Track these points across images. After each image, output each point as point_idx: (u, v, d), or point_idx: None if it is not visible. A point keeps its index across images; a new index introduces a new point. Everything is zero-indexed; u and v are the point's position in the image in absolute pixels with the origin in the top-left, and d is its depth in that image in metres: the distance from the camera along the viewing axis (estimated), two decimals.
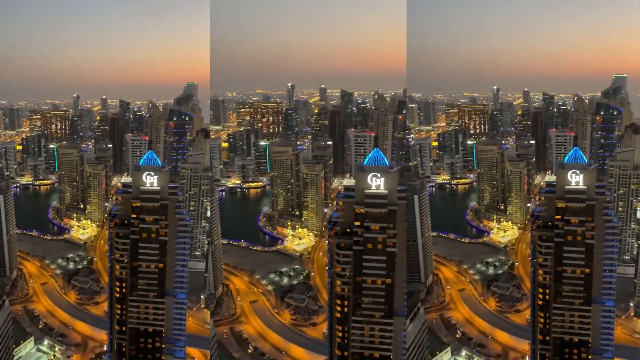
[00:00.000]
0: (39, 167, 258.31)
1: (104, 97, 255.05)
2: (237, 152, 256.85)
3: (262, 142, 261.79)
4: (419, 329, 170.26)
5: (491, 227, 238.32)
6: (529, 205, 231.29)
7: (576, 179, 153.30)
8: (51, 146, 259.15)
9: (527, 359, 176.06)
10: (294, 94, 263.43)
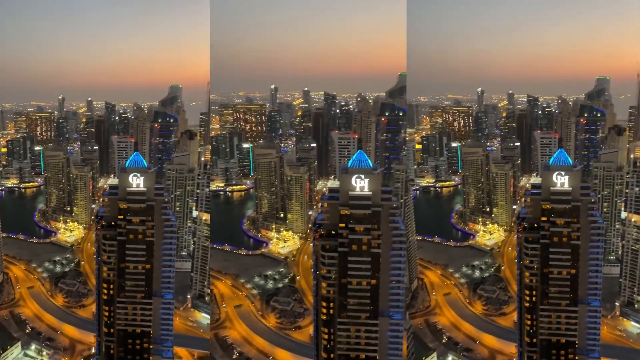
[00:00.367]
0: (24, 169, 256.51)
1: (90, 99, 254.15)
2: (220, 155, 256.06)
3: (245, 145, 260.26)
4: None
5: (477, 230, 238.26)
6: (514, 207, 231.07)
7: (561, 181, 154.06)
8: (37, 148, 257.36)
9: None
10: (277, 96, 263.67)
